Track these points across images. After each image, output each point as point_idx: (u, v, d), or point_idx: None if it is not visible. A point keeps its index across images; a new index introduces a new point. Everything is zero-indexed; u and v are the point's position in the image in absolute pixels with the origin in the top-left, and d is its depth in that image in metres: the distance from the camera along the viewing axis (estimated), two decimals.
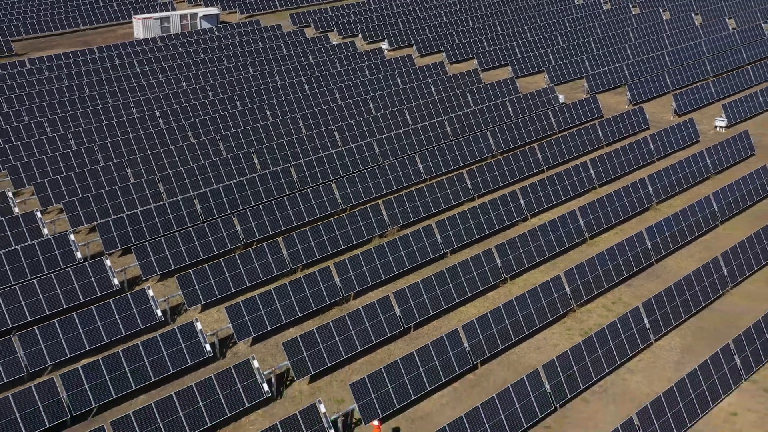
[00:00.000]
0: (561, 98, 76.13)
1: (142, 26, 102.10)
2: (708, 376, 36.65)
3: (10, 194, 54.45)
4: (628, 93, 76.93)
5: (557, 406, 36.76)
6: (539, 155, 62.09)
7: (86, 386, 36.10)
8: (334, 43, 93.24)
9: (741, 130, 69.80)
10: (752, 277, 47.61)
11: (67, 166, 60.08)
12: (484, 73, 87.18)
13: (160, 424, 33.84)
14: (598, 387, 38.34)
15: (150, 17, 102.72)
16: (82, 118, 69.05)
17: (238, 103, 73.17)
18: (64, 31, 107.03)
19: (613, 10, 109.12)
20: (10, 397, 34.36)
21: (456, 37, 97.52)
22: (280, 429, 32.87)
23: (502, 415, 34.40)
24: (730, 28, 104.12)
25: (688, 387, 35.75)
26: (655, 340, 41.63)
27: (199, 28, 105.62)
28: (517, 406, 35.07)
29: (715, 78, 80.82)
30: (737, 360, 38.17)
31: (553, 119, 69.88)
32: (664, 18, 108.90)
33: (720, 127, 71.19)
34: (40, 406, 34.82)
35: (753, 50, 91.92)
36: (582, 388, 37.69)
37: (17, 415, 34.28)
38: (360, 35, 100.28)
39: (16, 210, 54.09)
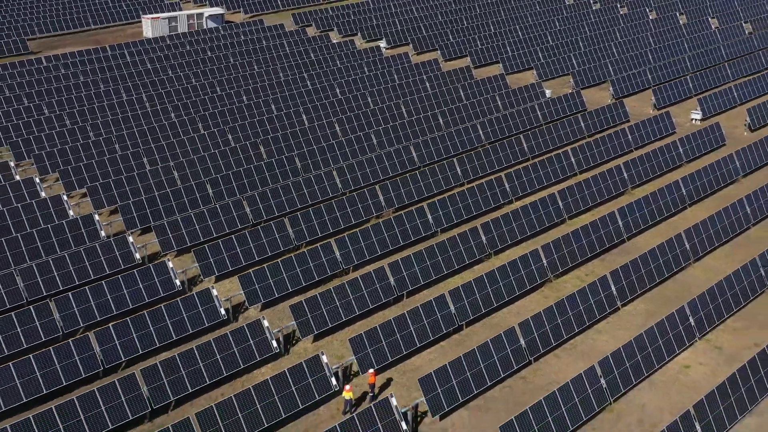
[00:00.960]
0: (548, 93, 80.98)
1: (150, 26, 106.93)
2: (664, 333, 41.55)
3: (38, 180, 59.32)
4: (611, 88, 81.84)
5: (532, 359, 41.67)
6: (524, 145, 66.96)
7: (116, 342, 40.96)
8: (334, 41, 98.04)
9: (714, 122, 74.40)
10: (713, 253, 52.51)
11: (87, 155, 64.95)
12: (476, 70, 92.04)
13: (183, 373, 38.69)
14: (568, 345, 43.24)
15: (158, 17, 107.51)
16: (98, 111, 73.90)
17: (244, 97, 78.02)
18: (75, 30, 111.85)
19: (601, 10, 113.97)
20: (51, 351, 39.24)
21: (450, 36, 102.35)
22: (288, 375, 37.77)
23: (482, 365, 39.30)
24: (712, 27, 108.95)
25: (646, 342, 40.65)
26: (622, 306, 46.55)
27: (205, 27, 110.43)
28: (496, 358, 39.98)
29: (693, 74, 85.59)
30: (691, 320, 43.07)
31: (539, 112, 74.74)
32: (650, 17, 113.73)
33: (695, 119, 76.07)
34: (77, 358, 39.69)
35: (732, 48, 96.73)
36: (554, 344, 42.59)
37: (57, 366, 39.15)
38: (359, 34, 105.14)
39: (43, 194, 58.96)
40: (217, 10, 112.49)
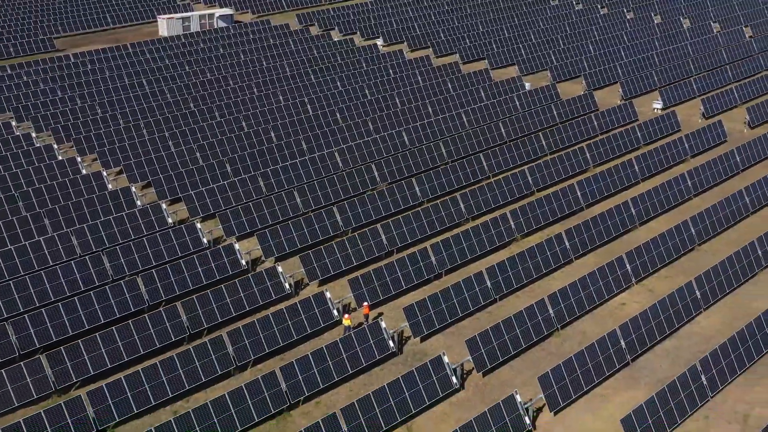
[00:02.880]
0: (527, 86, 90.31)
1: (166, 25, 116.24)
2: (604, 276, 50.96)
3: (79, 159, 68.70)
4: (583, 81, 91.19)
5: (497, 297, 51.09)
6: (502, 130, 76.34)
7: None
8: (335, 39, 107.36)
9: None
10: (657, 218, 61.87)
11: (119, 139, 74.24)
12: (464, 65, 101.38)
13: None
14: (528, 288, 52.65)
15: (173, 17, 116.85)
16: (126, 102, 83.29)
17: (255, 90, 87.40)
18: (96, 29, 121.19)
19: (583, 11, 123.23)
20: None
21: (441, 35, 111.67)
22: (299, 307, 47.08)
23: (455, 300, 48.71)
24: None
25: (588, 283, 50.06)
26: (575, 258, 55.96)
27: (216, 27, 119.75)
28: (466, 295, 49.39)
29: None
30: (628, 267, 52.48)
31: (517, 102, 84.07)
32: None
33: (656, 108, 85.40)
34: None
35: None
36: (515, 287, 51.98)
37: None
38: (358, 33, 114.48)
39: (84, 171, 68.32)
40: (227, 11, 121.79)
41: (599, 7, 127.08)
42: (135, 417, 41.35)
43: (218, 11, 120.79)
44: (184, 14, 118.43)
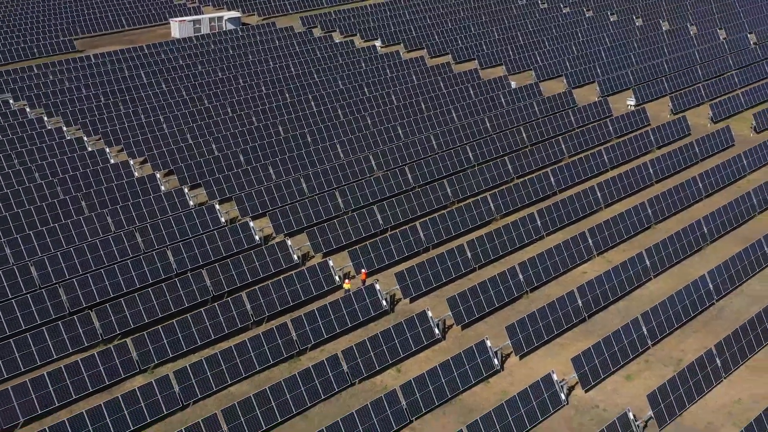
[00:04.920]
0: (513, 84, 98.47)
1: (178, 27, 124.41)
2: (569, 249, 59.19)
3: (107, 150, 76.95)
4: (564, 80, 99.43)
5: (476, 267, 59.30)
6: (488, 124, 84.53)
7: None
8: (336, 41, 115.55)
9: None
10: (621, 201, 70.08)
11: (141, 132, 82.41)
12: (456, 65, 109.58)
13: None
14: (503, 260, 60.86)
15: (184, 20, 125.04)
16: (145, 99, 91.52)
17: (263, 87, 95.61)
18: (112, 31, 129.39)
19: (570, 14, 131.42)
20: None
21: (436, 37, 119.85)
22: (306, 273, 55.29)
23: (440, 268, 56.92)
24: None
25: (554, 254, 58.28)
26: (546, 235, 64.16)
27: (225, 29, 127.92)
28: (449, 264, 57.57)
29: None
30: (590, 241, 60.70)
31: (503, 99, 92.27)
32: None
33: (630, 105, 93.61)
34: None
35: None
36: (491, 258, 60.15)
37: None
38: (358, 35, 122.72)
39: (112, 160, 76.54)
40: (235, 14, 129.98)
41: (585, 10, 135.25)
42: (172, 360, 49.63)
43: (227, 14, 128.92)
44: (195, 17, 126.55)
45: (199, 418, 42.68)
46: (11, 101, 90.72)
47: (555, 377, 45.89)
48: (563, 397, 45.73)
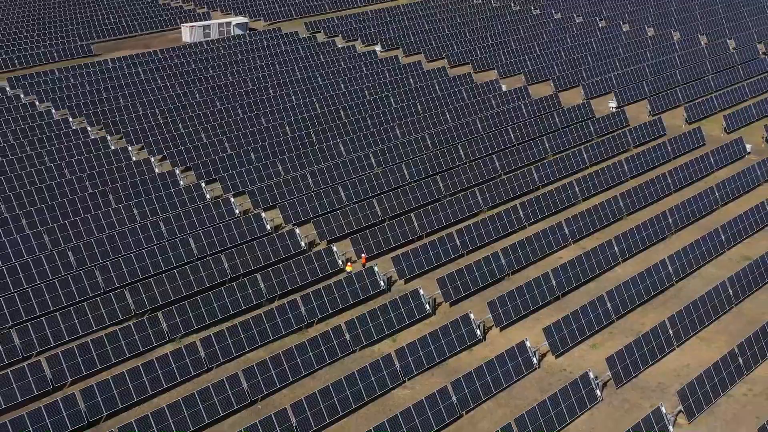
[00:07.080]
0: (504, 87, 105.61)
1: (189, 32, 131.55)
2: (546, 236, 66.35)
3: (130, 148, 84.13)
4: (552, 83, 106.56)
5: (464, 252, 66.48)
6: (479, 125, 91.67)
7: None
8: (339, 46, 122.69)
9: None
10: (597, 195, 77.23)
11: (160, 131, 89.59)
12: (451, 69, 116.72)
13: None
14: (489, 246, 67.98)
15: (194, 25, 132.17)
16: (162, 101, 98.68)
17: (270, 90, 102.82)
18: (126, 36, 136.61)
19: (561, 20, 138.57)
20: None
21: (433, 42, 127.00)
22: (313, 258, 62.48)
23: (431, 253, 64.08)
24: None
25: (534, 241, 65.44)
26: (528, 225, 71.34)
27: (233, 34, 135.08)
28: (440, 249, 64.73)
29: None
30: (566, 230, 67.87)
31: (493, 102, 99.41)
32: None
33: (612, 107, 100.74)
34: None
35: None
36: (478, 245, 67.28)
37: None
38: (359, 40, 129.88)
39: (134, 158, 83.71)
40: (243, 19, 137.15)
41: (575, 16, 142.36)
42: (196, 332, 56.84)
43: (235, 20, 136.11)
44: (205, 22, 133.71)
45: (223, 376, 49.92)
46: (37, 102, 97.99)
47: (528, 344, 53.10)
48: (535, 361, 52.94)
